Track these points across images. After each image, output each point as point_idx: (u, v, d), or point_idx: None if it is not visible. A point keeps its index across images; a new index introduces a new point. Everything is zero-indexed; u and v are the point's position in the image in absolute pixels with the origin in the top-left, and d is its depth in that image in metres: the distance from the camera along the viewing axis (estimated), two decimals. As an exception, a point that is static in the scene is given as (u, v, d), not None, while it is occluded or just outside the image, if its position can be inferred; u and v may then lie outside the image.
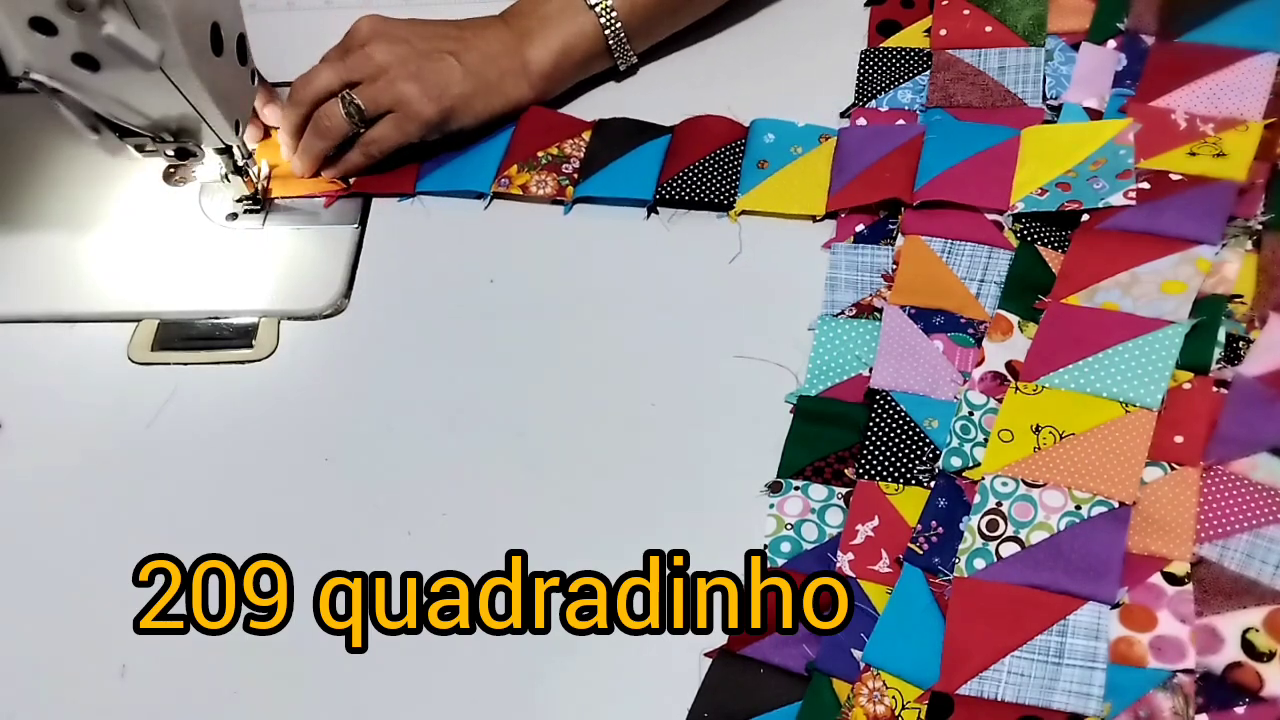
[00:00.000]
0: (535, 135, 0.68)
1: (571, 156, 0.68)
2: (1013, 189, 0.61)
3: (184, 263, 0.66)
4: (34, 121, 0.72)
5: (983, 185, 0.61)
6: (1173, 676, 0.46)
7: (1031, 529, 0.50)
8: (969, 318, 0.58)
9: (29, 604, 0.55)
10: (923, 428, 0.55)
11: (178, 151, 0.63)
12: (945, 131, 0.65)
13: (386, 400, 0.60)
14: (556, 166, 0.67)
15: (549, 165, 0.67)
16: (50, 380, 0.63)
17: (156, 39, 0.53)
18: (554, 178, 0.67)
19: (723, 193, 0.65)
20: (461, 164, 0.68)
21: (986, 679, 0.47)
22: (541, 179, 0.67)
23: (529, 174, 0.67)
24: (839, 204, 0.63)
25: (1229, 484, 0.50)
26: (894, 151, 0.64)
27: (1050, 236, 0.60)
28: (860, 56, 0.71)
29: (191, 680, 0.52)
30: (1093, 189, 0.60)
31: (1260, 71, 0.62)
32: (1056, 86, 0.66)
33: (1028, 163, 0.62)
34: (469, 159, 0.68)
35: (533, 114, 0.69)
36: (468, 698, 0.51)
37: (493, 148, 0.68)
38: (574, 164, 0.67)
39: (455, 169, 0.68)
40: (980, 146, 0.63)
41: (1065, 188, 0.60)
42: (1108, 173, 0.60)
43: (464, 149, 0.69)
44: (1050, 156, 0.62)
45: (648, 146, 0.67)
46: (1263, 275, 0.56)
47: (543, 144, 0.68)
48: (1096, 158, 0.61)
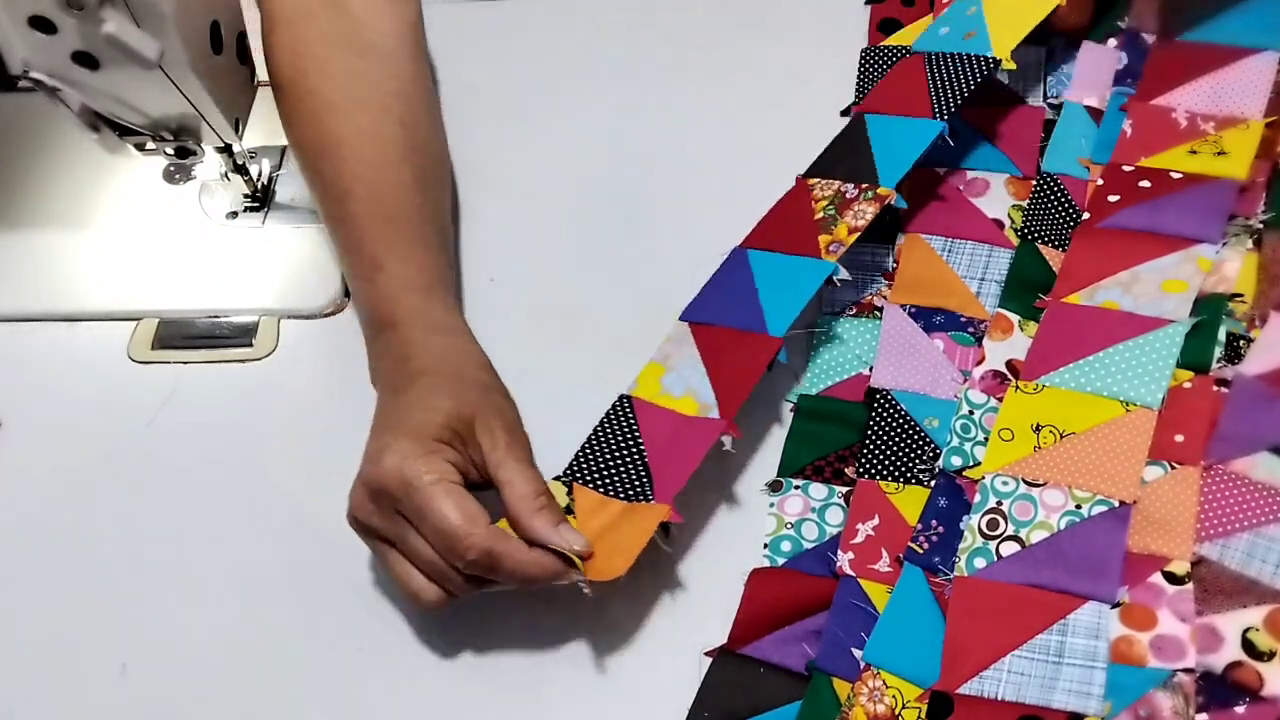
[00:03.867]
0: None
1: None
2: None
3: (184, 261, 0.66)
4: (34, 120, 0.72)
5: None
6: (1173, 676, 0.46)
7: (1032, 528, 0.50)
8: (969, 316, 0.58)
9: (29, 603, 0.55)
10: (923, 427, 0.55)
11: (177, 150, 0.63)
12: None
13: (386, 399, 0.60)
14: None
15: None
16: (50, 379, 0.63)
17: (156, 38, 0.53)
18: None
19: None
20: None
21: (987, 678, 0.47)
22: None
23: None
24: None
25: (1229, 483, 0.50)
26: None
27: (1051, 235, 0.60)
28: (861, 55, 0.71)
29: (192, 680, 0.52)
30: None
31: (1261, 70, 0.62)
32: (1057, 85, 0.66)
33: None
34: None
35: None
36: (468, 697, 0.51)
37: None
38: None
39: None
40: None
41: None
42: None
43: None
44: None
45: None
46: (1263, 274, 0.56)
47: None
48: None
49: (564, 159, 0.69)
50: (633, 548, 0.49)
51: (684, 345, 0.56)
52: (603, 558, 0.48)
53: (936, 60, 0.64)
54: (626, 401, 0.54)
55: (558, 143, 0.70)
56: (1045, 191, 0.62)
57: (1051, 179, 0.62)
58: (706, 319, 0.57)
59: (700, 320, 0.57)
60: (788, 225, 0.59)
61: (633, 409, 0.54)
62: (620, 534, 0.49)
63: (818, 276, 0.55)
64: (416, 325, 0.53)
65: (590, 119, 0.71)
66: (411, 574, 0.48)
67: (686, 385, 0.54)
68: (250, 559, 0.55)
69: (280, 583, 0.55)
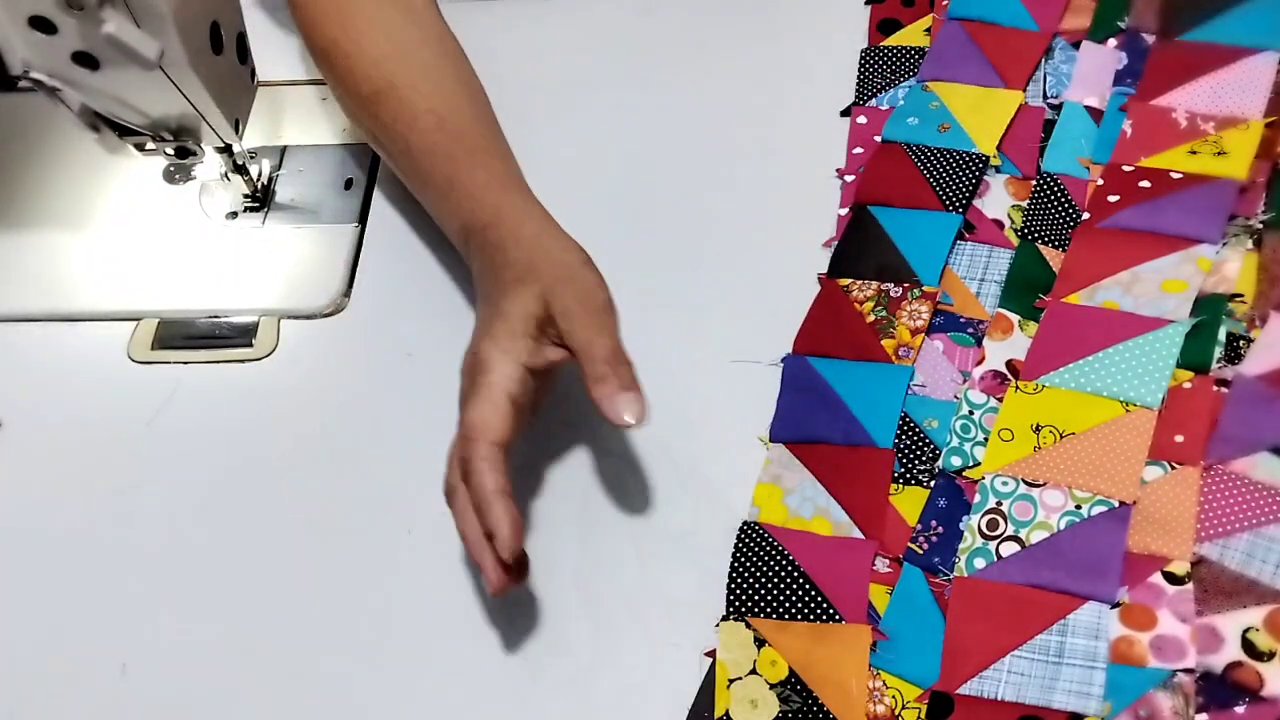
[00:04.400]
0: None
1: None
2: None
3: (184, 261, 0.66)
4: (34, 120, 0.72)
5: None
6: (1173, 676, 0.46)
7: (1032, 528, 0.50)
8: (969, 317, 0.58)
9: (29, 603, 0.55)
10: (923, 427, 0.55)
11: (177, 150, 0.63)
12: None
13: (386, 399, 0.60)
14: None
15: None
16: (50, 380, 0.63)
17: (156, 38, 0.53)
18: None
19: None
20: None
21: (986, 678, 0.47)
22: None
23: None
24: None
25: (1229, 483, 0.50)
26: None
27: (1051, 235, 0.60)
28: (860, 55, 0.71)
29: (192, 679, 0.52)
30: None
31: (1261, 70, 0.62)
32: (1057, 85, 0.66)
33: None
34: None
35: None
36: (468, 695, 0.51)
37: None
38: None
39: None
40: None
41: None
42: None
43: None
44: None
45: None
46: (1263, 274, 0.56)
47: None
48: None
49: (564, 159, 0.69)
50: (861, 677, 0.48)
51: (792, 468, 0.54)
52: (836, 695, 0.47)
53: (921, 154, 0.64)
54: (757, 528, 0.52)
55: (558, 142, 0.70)
56: (1045, 191, 0.62)
57: (1051, 179, 0.62)
58: (801, 436, 0.55)
59: (795, 439, 0.55)
60: (840, 329, 0.58)
61: (768, 533, 0.52)
62: (835, 660, 0.48)
63: (901, 383, 0.55)
64: (501, 224, 0.55)
65: (590, 118, 0.71)
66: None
67: (815, 506, 0.53)
68: (250, 559, 0.55)
69: (280, 583, 0.55)
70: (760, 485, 0.54)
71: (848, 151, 0.67)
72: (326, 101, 0.72)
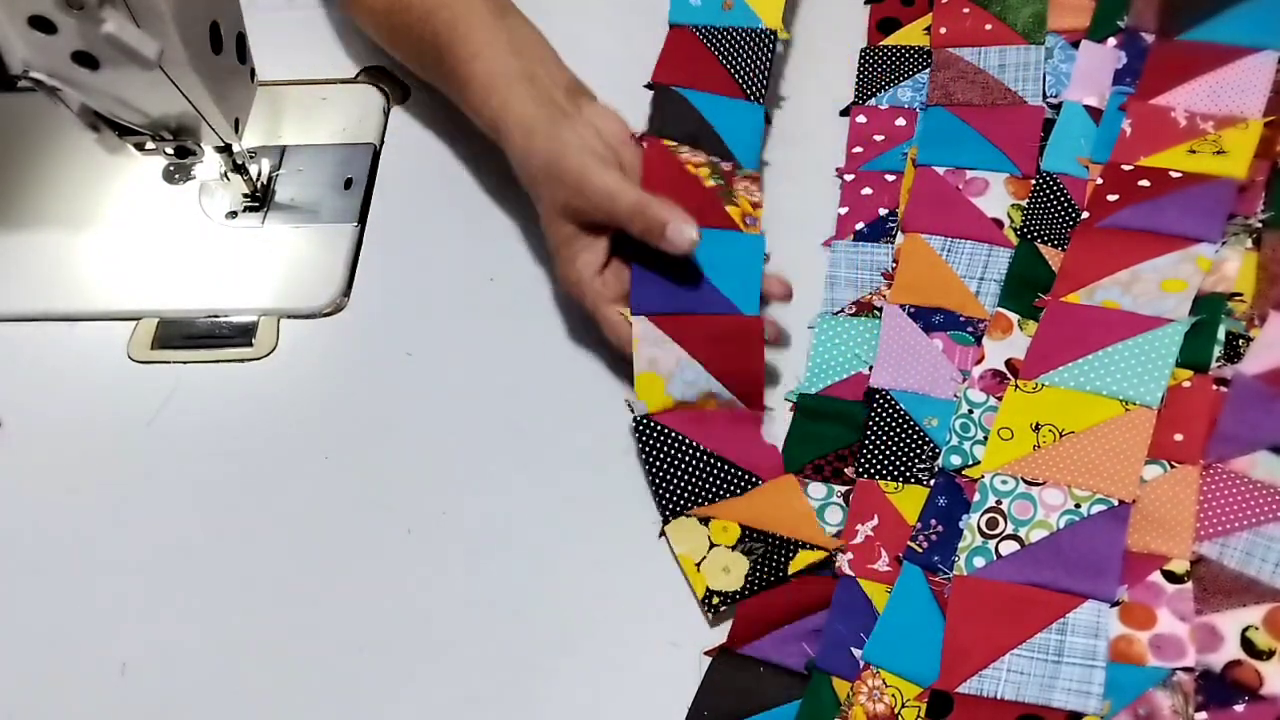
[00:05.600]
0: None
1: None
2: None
3: (184, 261, 0.66)
4: (33, 120, 0.72)
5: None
6: (1172, 674, 0.46)
7: (1031, 527, 0.50)
8: (969, 316, 0.58)
9: (29, 603, 0.55)
10: (922, 426, 0.55)
11: (177, 150, 0.63)
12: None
13: (386, 399, 0.60)
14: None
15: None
16: (50, 379, 0.63)
17: (156, 37, 0.53)
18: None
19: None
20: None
21: (986, 677, 0.47)
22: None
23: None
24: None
25: (1229, 482, 0.50)
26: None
27: (1050, 234, 0.60)
28: (860, 54, 0.71)
29: (192, 680, 0.52)
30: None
31: (1260, 69, 0.62)
32: (1056, 84, 0.66)
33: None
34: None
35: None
36: (468, 695, 0.51)
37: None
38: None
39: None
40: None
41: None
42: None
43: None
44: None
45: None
46: (1263, 273, 0.56)
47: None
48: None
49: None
50: (804, 508, 0.52)
51: (663, 346, 0.55)
52: (787, 524, 0.51)
53: (713, 36, 0.63)
54: (650, 421, 0.54)
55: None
56: (1045, 191, 0.62)
57: (1051, 178, 0.62)
58: (666, 308, 0.56)
59: (660, 310, 0.56)
60: (682, 192, 0.58)
61: (661, 424, 0.54)
62: (775, 505, 0.52)
63: (758, 251, 0.57)
64: (500, 134, 0.59)
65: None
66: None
67: (697, 390, 0.54)
68: (250, 558, 0.55)
69: (280, 582, 0.55)
70: (640, 375, 0.55)
71: (848, 151, 0.67)
72: (326, 101, 0.72)
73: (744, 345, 0.54)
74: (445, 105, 0.68)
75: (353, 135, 0.70)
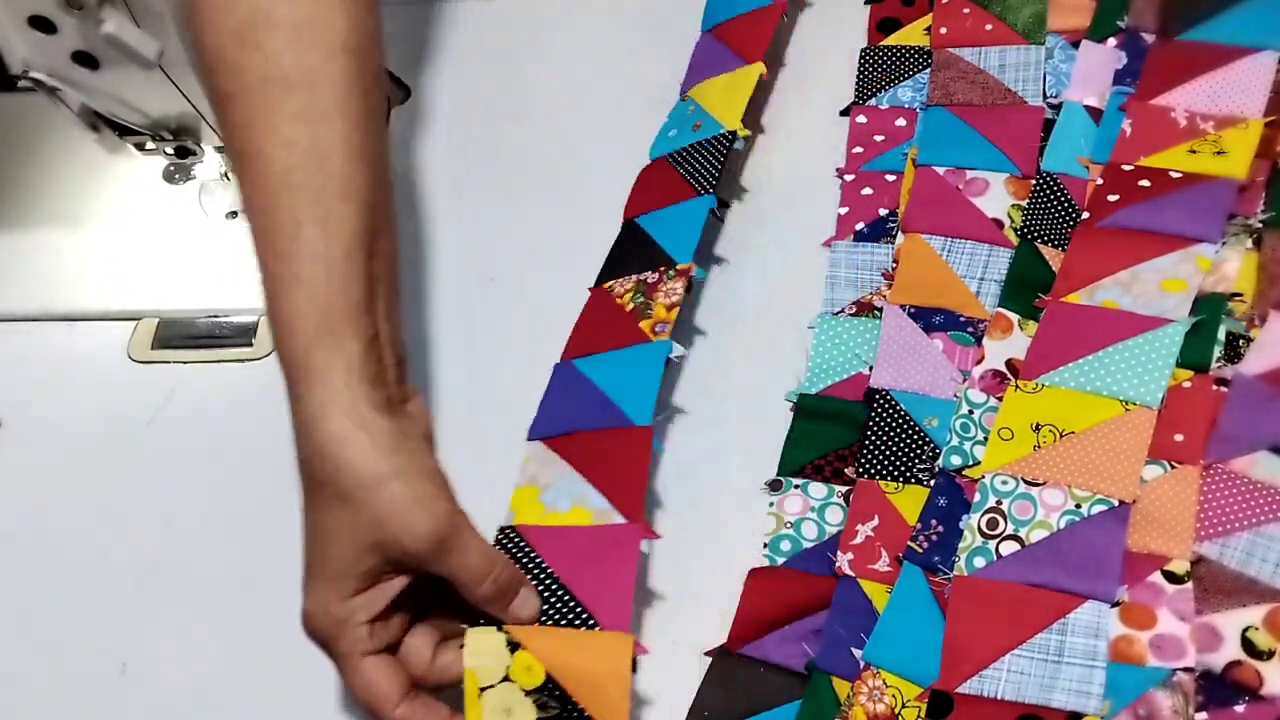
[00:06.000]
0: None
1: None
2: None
3: (184, 261, 0.66)
4: (33, 120, 0.72)
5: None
6: (1172, 675, 0.46)
7: (1031, 527, 0.50)
8: (969, 316, 0.58)
9: (29, 602, 0.55)
10: (922, 426, 0.55)
11: (177, 150, 0.63)
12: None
13: (386, 399, 0.60)
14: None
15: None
16: (50, 379, 0.63)
17: (156, 37, 0.53)
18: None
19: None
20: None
21: (986, 677, 0.47)
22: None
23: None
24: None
25: (1229, 482, 0.50)
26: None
27: (1050, 234, 0.60)
28: (860, 54, 0.71)
29: (192, 680, 0.52)
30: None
31: (1260, 69, 0.62)
32: (1057, 84, 0.66)
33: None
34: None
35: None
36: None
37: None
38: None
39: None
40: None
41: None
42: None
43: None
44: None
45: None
46: (1263, 273, 0.56)
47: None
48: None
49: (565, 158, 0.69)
50: (622, 685, 0.44)
51: (549, 463, 0.52)
52: (596, 701, 0.44)
53: (679, 157, 0.64)
54: (511, 532, 0.50)
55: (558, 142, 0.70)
56: (1045, 191, 0.62)
57: (1051, 178, 0.62)
58: (559, 431, 0.54)
59: (552, 433, 0.54)
60: (603, 328, 0.58)
61: (521, 537, 0.49)
62: (594, 668, 0.45)
63: (657, 358, 0.54)
64: (304, 397, 0.45)
65: (590, 118, 0.71)
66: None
67: (571, 498, 0.50)
68: (250, 558, 0.55)
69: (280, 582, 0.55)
70: (517, 489, 0.52)
71: (848, 151, 0.67)
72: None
73: (629, 455, 0.50)
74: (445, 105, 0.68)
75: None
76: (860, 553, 0.52)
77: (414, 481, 0.44)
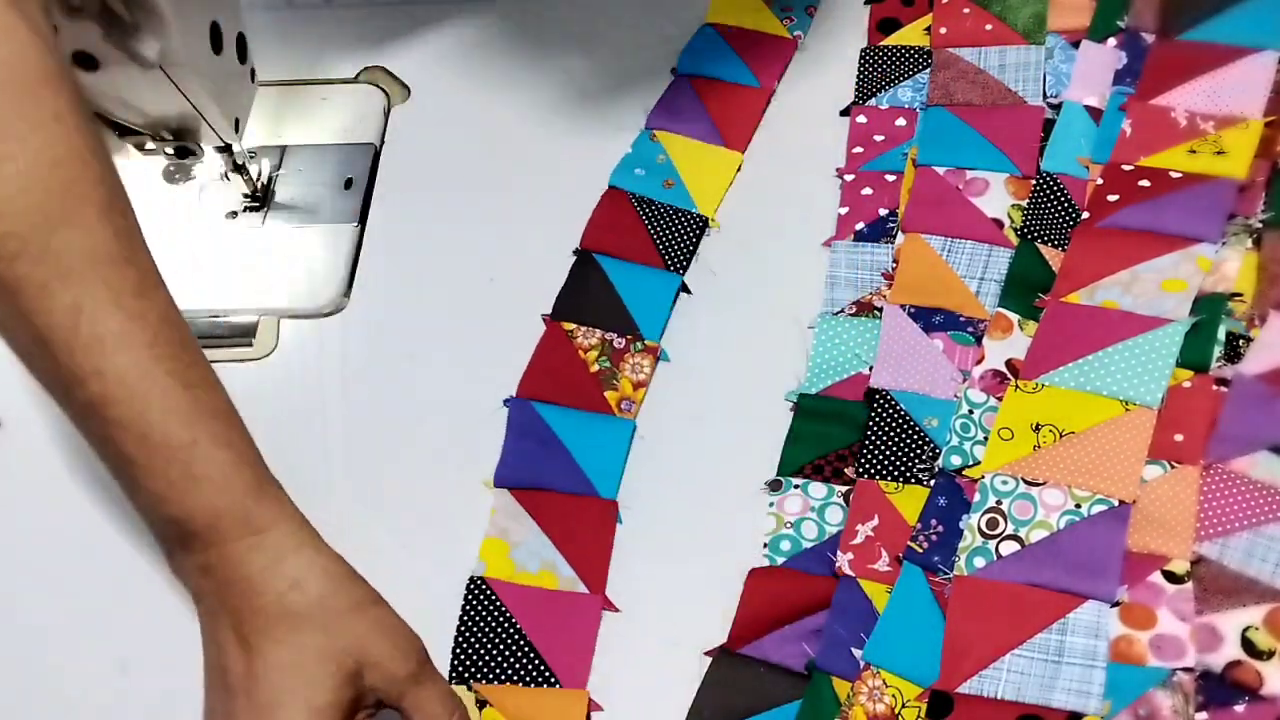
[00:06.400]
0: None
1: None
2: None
3: (183, 261, 0.66)
4: (34, 120, 0.72)
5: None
6: (1172, 675, 0.46)
7: (1031, 527, 0.50)
8: (969, 316, 0.58)
9: (29, 601, 0.55)
10: (922, 426, 0.55)
11: (177, 150, 0.63)
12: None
13: (386, 399, 0.60)
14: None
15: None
16: (50, 379, 0.63)
17: (156, 38, 0.53)
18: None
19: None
20: None
21: (986, 677, 0.47)
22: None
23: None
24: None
25: (1229, 482, 0.50)
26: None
27: (1050, 234, 0.60)
28: (860, 54, 0.71)
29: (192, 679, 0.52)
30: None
31: (1260, 69, 0.62)
32: (1057, 84, 0.66)
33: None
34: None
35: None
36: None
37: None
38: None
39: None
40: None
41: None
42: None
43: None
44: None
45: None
46: (1263, 273, 0.56)
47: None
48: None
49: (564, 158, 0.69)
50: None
51: (518, 518, 0.55)
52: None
53: (645, 206, 0.65)
54: (482, 584, 0.53)
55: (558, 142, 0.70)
56: (1045, 191, 0.62)
57: (1051, 178, 0.62)
58: (526, 482, 0.56)
59: (519, 485, 0.56)
60: (565, 377, 0.59)
61: (493, 591, 0.52)
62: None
63: (624, 435, 0.57)
64: (254, 539, 0.43)
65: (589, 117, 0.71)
66: None
67: (540, 560, 0.53)
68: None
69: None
70: (487, 539, 0.54)
71: (848, 151, 0.67)
72: (326, 101, 0.72)
73: (595, 527, 0.54)
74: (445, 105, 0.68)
75: (353, 135, 0.70)
76: (860, 553, 0.52)
77: (388, 608, 0.45)
